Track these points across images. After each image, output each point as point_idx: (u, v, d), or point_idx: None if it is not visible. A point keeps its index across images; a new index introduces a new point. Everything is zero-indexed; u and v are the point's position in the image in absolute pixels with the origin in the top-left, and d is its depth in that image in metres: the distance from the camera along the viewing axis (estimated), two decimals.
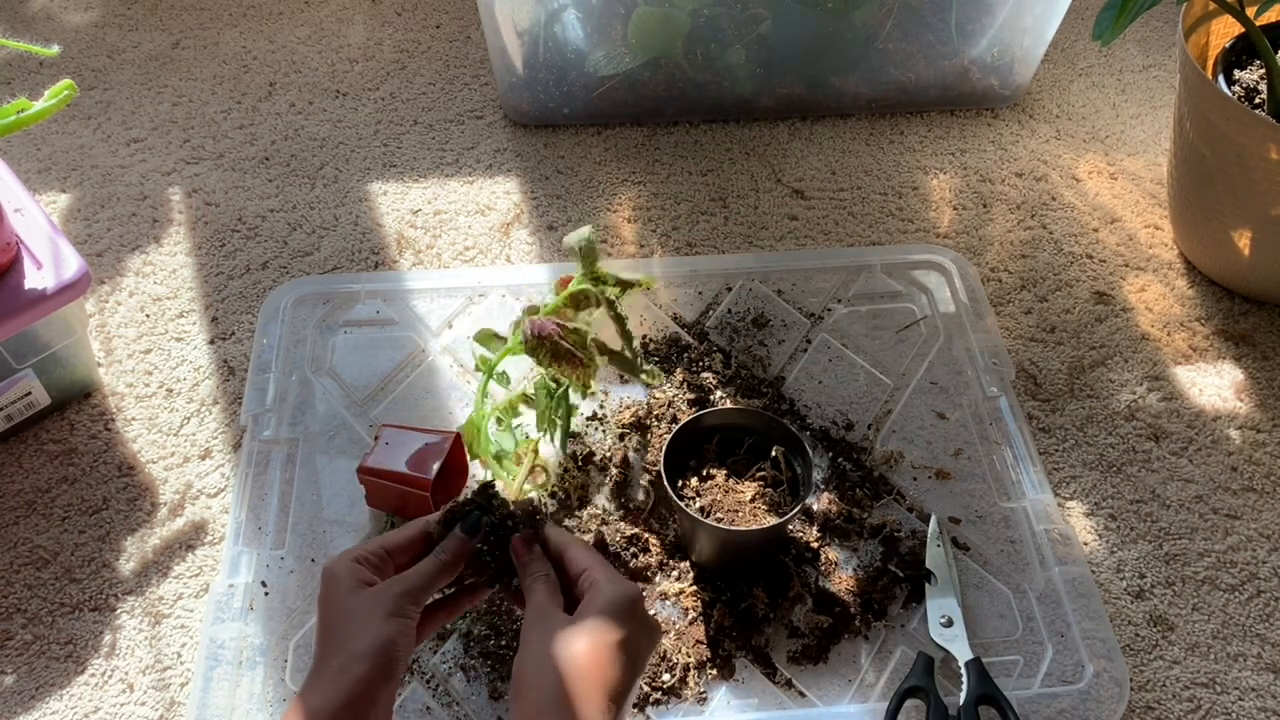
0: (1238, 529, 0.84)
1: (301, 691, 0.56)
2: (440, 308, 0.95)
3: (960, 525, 0.82)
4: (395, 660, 0.57)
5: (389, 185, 1.08)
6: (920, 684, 0.71)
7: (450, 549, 0.63)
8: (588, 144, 1.13)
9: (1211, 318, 0.98)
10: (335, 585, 0.59)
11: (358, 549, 0.62)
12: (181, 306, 0.97)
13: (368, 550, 0.62)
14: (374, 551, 0.62)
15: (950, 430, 0.88)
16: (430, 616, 0.64)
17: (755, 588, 0.77)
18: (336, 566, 0.60)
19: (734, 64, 1.09)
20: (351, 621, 0.57)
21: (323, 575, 0.61)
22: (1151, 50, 1.25)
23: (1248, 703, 0.75)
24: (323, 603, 0.60)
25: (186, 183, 1.07)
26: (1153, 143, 1.14)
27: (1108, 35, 0.85)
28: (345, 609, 0.58)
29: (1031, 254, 1.03)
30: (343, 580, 0.59)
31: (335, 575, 0.60)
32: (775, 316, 0.96)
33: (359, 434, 0.87)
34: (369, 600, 0.58)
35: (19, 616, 0.77)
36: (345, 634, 0.57)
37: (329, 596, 0.59)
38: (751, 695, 0.73)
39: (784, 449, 0.78)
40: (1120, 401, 0.92)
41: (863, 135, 1.14)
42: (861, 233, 1.05)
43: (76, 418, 0.89)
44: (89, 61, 1.19)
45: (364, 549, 0.62)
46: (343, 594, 0.59)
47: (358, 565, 0.60)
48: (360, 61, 1.21)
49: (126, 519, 0.83)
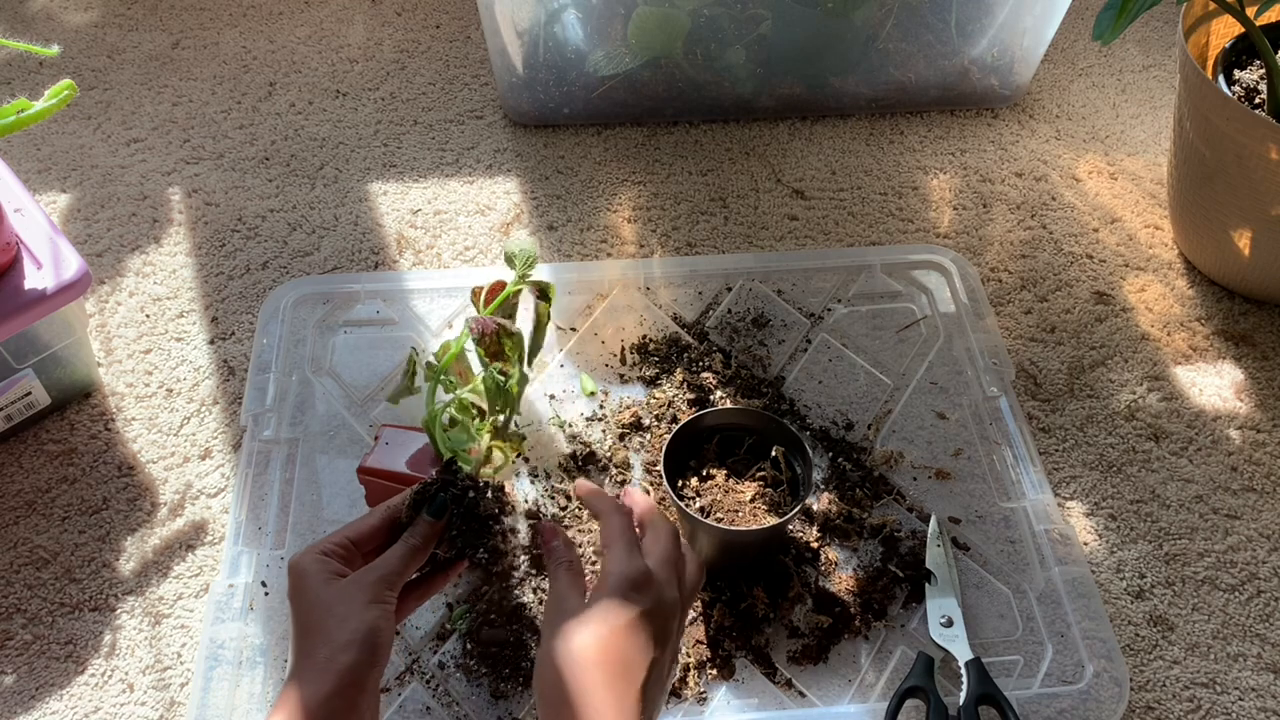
0: (1238, 529, 0.84)
1: (288, 686, 0.56)
2: (440, 308, 0.95)
3: (960, 525, 0.82)
4: (380, 646, 0.57)
5: (389, 185, 1.08)
6: (920, 684, 0.71)
7: (420, 533, 0.63)
8: (588, 144, 1.13)
9: (1211, 318, 0.98)
10: (306, 580, 0.59)
11: (323, 542, 0.62)
12: (181, 306, 0.97)
13: (334, 543, 0.62)
14: (339, 543, 0.62)
15: (950, 430, 0.88)
16: (406, 597, 0.65)
17: (755, 588, 0.77)
18: (304, 561, 0.60)
19: (734, 64, 1.09)
20: (331, 613, 0.58)
21: (290, 571, 0.61)
22: (1151, 50, 1.25)
23: (1248, 703, 0.75)
24: (295, 598, 0.60)
25: (186, 183, 1.07)
26: (1153, 143, 1.14)
27: (1108, 35, 0.85)
28: (322, 601, 0.58)
29: (1031, 254, 1.03)
30: (313, 574, 0.60)
31: (304, 570, 0.60)
32: (775, 316, 0.96)
33: (359, 434, 0.87)
34: (346, 590, 0.59)
35: (19, 616, 0.77)
36: (326, 626, 0.57)
37: (301, 591, 0.59)
38: (751, 695, 0.73)
39: (784, 449, 0.78)
40: (1120, 401, 0.92)
41: (863, 135, 1.14)
42: (861, 233, 1.05)
43: (76, 418, 0.89)
44: (89, 61, 1.19)
45: (330, 541, 0.62)
46: (316, 587, 0.59)
47: (326, 558, 0.60)
48: (360, 61, 1.21)
49: (126, 519, 0.83)
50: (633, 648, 0.56)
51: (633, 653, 0.55)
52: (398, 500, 0.65)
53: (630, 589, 0.58)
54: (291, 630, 0.60)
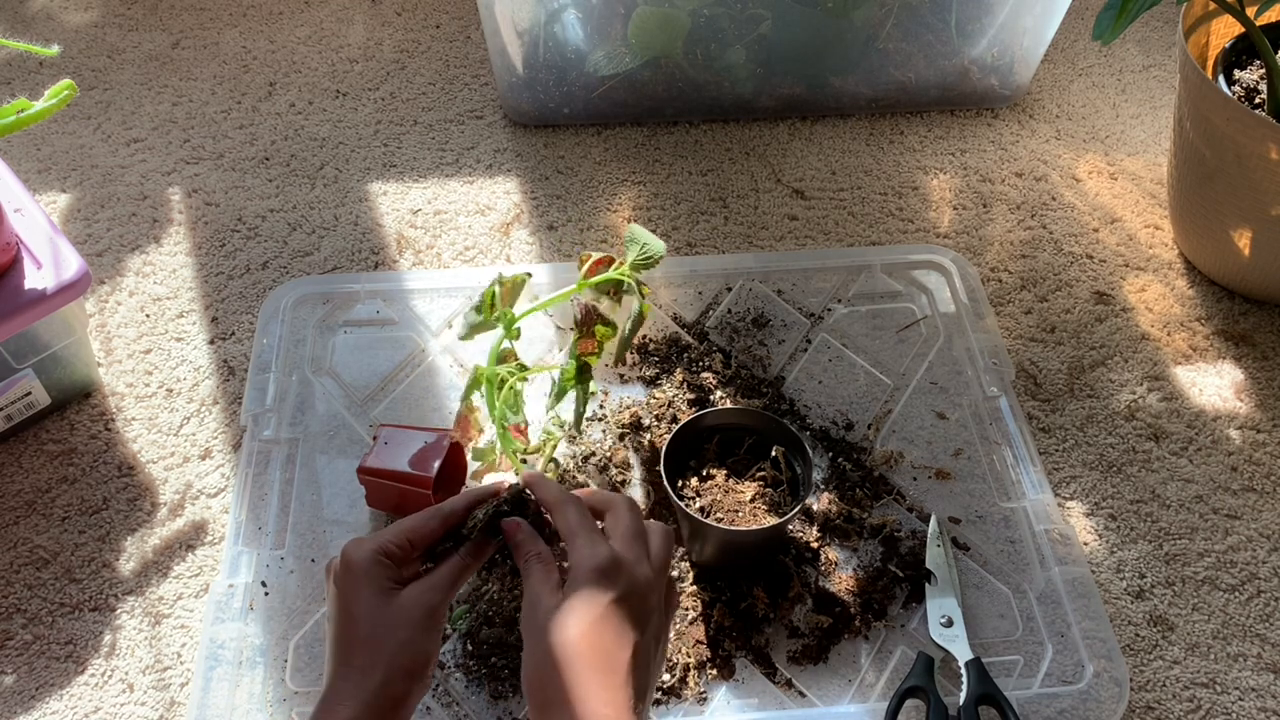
0: (1238, 529, 0.84)
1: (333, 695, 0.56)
2: (440, 308, 0.95)
3: (960, 525, 0.82)
4: (431, 670, 0.59)
5: (389, 185, 1.08)
6: (920, 684, 0.71)
7: (478, 553, 0.62)
8: (588, 144, 1.13)
9: (1211, 318, 0.98)
10: (359, 581, 0.58)
11: (381, 540, 0.60)
12: (181, 306, 0.97)
13: (393, 543, 0.60)
14: (399, 544, 0.60)
15: (950, 430, 0.88)
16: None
17: (755, 588, 0.77)
18: (361, 559, 0.59)
19: (734, 64, 1.09)
20: (391, 634, 0.57)
21: (345, 562, 0.59)
22: (1151, 50, 1.25)
23: (1248, 703, 0.75)
24: (347, 596, 0.58)
25: (186, 183, 1.07)
26: (1153, 143, 1.14)
27: (1108, 35, 0.85)
28: (381, 618, 0.57)
29: (1031, 254, 1.03)
30: (372, 577, 0.58)
31: (362, 571, 0.58)
32: (775, 316, 0.96)
33: (359, 434, 0.87)
34: (408, 611, 0.58)
35: (19, 616, 0.77)
36: (384, 644, 0.57)
37: (355, 592, 0.58)
38: (751, 695, 0.73)
39: (784, 449, 0.78)
40: (1120, 401, 0.92)
41: (863, 135, 1.14)
42: (861, 233, 1.05)
43: (76, 418, 0.89)
44: (89, 61, 1.19)
45: (389, 540, 0.60)
46: (372, 595, 0.58)
47: (384, 561, 0.59)
48: (360, 61, 1.21)
49: (126, 519, 0.83)
50: (612, 636, 0.55)
51: (612, 642, 0.55)
52: (460, 506, 0.63)
53: (600, 578, 0.57)
54: (333, 628, 0.58)
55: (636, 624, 0.56)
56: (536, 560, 0.60)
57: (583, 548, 0.58)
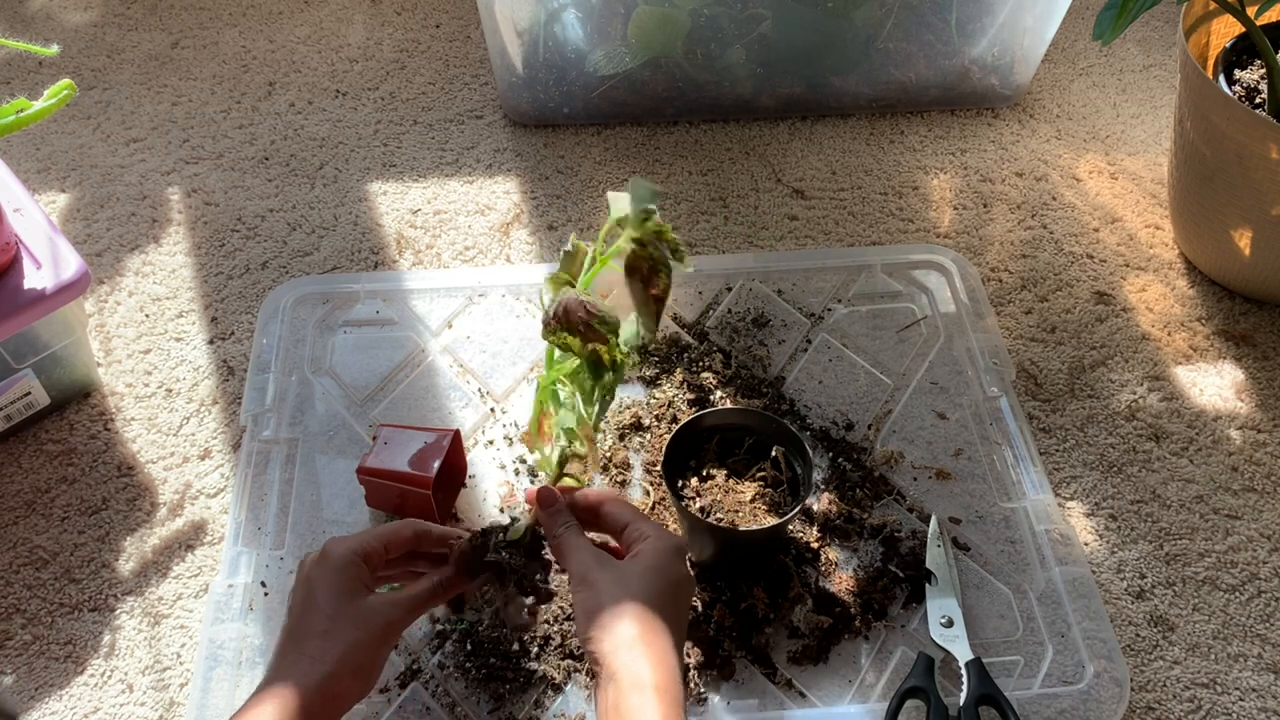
0: (1238, 529, 0.84)
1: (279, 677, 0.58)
2: (440, 308, 0.95)
3: (960, 525, 0.82)
4: (374, 680, 0.61)
5: (389, 185, 1.08)
6: (920, 684, 0.71)
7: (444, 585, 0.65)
8: (588, 144, 1.13)
9: (1211, 318, 0.98)
10: (332, 575, 0.62)
11: (362, 540, 0.64)
12: (181, 306, 0.97)
13: (369, 547, 0.64)
14: (376, 549, 0.64)
15: (950, 430, 0.88)
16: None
17: (755, 588, 0.77)
18: (342, 554, 0.62)
19: (734, 64, 1.09)
20: (349, 632, 0.60)
21: (323, 552, 0.63)
22: (1151, 50, 1.25)
23: (1248, 703, 0.75)
24: (316, 586, 0.61)
25: (186, 183, 1.07)
26: (1153, 143, 1.14)
27: (1108, 35, 0.85)
28: (344, 614, 0.60)
29: (1032, 254, 1.03)
30: (342, 573, 0.62)
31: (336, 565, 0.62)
32: (775, 316, 0.96)
33: (359, 434, 0.87)
34: (368, 617, 0.61)
35: (19, 616, 0.77)
36: (341, 639, 0.59)
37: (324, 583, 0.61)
38: (751, 695, 0.73)
39: (784, 449, 0.78)
40: (1120, 401, 0.92)
41: (863, 135, 1.14)
42: (861, 233, 1.05)
43: (76, 418, 0.88)
44: (89, 61, 1.19)
45: (368, 544, 0.64)
46: (342, 591, 0.61)
47: (361, 562, 0.63)
48: (360, 61, 1.21)
49: (126, 519, 0.83)
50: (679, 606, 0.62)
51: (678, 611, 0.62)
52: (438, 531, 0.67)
53: (678, 555, 0.63)
54: (294, 614, 0.61)
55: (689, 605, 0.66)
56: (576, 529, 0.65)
57: (659, 529, 0.64)
